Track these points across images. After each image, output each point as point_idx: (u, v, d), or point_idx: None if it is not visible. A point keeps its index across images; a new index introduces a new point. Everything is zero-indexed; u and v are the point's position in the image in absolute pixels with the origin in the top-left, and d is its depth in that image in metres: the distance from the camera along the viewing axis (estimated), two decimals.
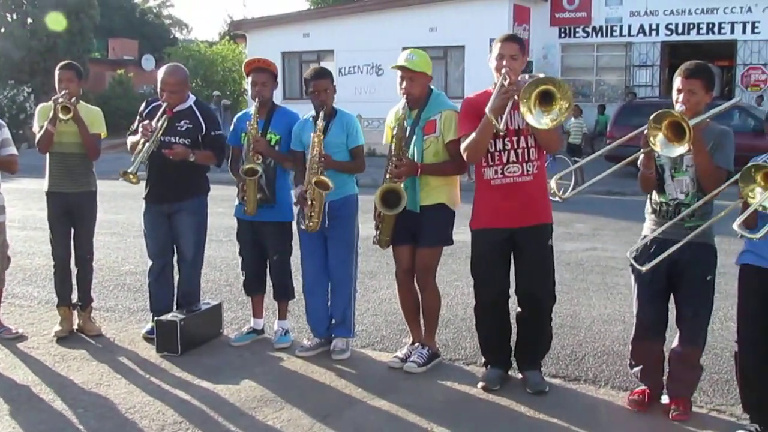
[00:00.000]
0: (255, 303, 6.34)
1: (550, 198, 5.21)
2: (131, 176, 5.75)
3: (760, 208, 3.91)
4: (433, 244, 5.54)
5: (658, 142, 4.17)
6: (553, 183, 4.68)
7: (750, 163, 3.94)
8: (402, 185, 5.34)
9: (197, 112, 6.10)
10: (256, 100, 5.92)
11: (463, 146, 5.03)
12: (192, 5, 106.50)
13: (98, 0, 35.02)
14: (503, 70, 4.84)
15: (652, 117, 4.16)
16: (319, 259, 5.89)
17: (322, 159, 5.56)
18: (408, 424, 4.77)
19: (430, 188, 5.43)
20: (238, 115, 6.23)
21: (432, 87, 5.57)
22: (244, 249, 6.23)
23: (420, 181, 5.40)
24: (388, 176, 5.37)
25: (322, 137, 5.59)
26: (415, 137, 5.41)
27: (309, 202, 5.60)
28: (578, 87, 26.44)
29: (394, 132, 5.41)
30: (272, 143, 5.94)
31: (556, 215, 5.30)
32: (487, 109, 4.78)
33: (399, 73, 5.45)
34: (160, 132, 5.92)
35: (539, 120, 4.51)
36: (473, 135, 4.95)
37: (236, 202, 6.09)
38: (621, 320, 6.76)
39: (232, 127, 6.22)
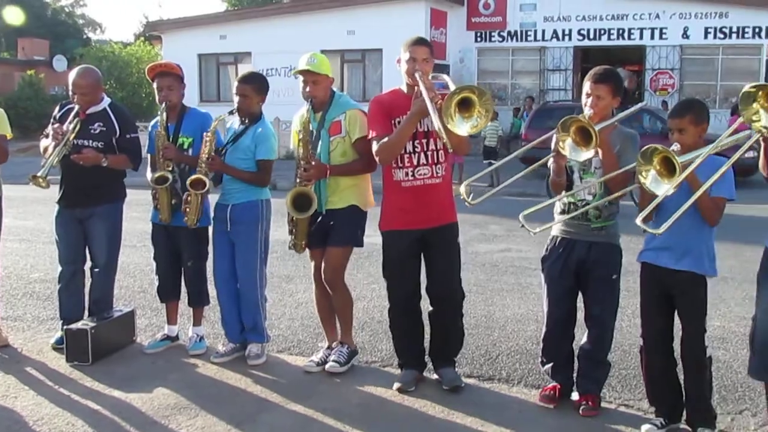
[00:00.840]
0: (169, 309, 6.25)
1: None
2: (41, 180, 5.60)
3: (646, 189, 3.96)
4: (341, 244, 5.56)
5: (567, 146, 4.29)
6: (462, 188, 4.81)
7: (652, 145, 3.97)
8: (312, 188, 5.36)
9: (111, 114, 5.99)
10: (163, 105, 5.84)
11: (378, 147, 5.06)
12: (106, 5, 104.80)
13: None
14: (417, 74, 4.89)
15: (559, 123, 4.28)
16: (227, 263, 5.85)
17: (210, 160, 5.59)
18: (324, 427, 4.77)
19: (340, 190, 5.46)
20: (152, 122, 6.13)
21: (334, 89, 5.62)
22: (158, 254, 6.14)
23: (329, 183, 5.44)
24: (298, 180, 5.38)
25: (213, 137, 5.63)
26: (321, 139, 5.44)
27: (185, 198, 5.68)
28: (494, 90, 26.83)
29: (301, 136, 5.43)
30: (184, 147, 5.88)
31: (471, 217, 5.43)
32: (411, 112, 4.86)
33: (301, 77, 5.48)
34: (73, 135, 5.80)
35: (460, 127, 4.57)
36: (393, 136, 4.99)
37: (152, 207, 6.00)
38: (534, 319, 6.87)
39: (147, 134, 6.13)
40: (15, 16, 29.72)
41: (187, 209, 5.68)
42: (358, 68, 26.60)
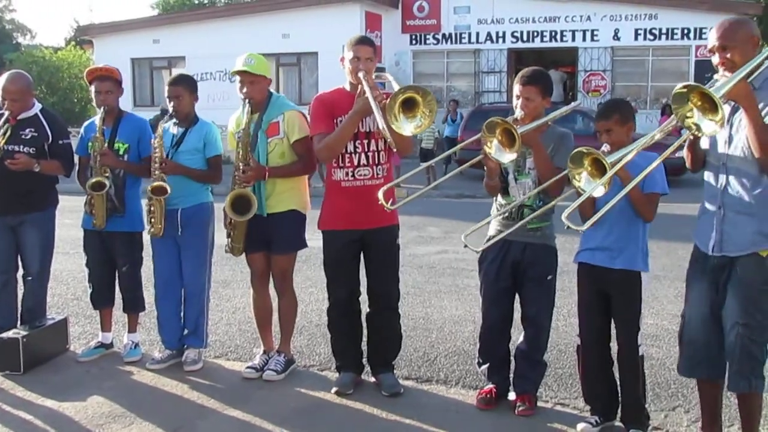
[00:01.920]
0: (103, 316, 6.17)
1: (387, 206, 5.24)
2: None
3: (580, 191, 4.01)
4: (287, 251, 5.59)
5: (493, 147, 4.34)
6: (380, 194, 4.78)
7: (579, 148, 4.01)
8: (251, 190, 5.34)
9: (43, 120, 5.90)
10: (101, 109, 5.77)
11: (319, 145, 5.06)
12: (36, 10, 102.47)
13: None
14: (360, 74, 4.90)
15: (484, 125, 4.31)
16: (172, 267, 5.81)
17: (163, 164, 5.53)
18: None
19: (278, 193, 5.45)
20: (85, 124, 6.06)
21: (271, 90, 5.61)
22: (91, 261, 6.04)
23: (267, 186, 5.43)
24: (237, 182, 5.35)
25: (161, 142, 5.58)
26: (258, 140, 5.42)
27: (149, 208, 5.61)
28: None
29: (238, 137, 5.39)
30: (120, 152, 5.82)
31: (409, 219, 5.46)
32: (353, 110, 4.89)
33: (238, 78, 5.45)
34: (3, 140, 5.71)
35: (404, 127, 4.60)
36: (334, 134, 4.99)
37: (84, 213, 5.90)
38: (471, 320, 6.92)
39: (79, 136, 6.06)
40: None
41: (152, 219, 5.61)
42: (294, 72, 26.52)
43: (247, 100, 5.40)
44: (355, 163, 5.11)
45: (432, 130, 18.88)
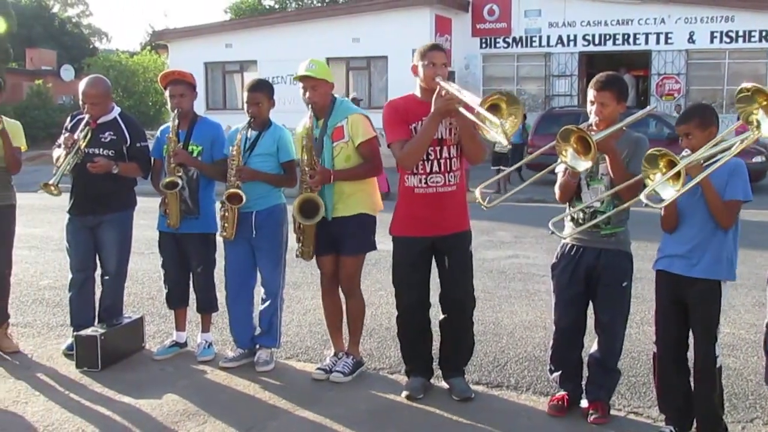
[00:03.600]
0: (178, 316, 6.29)
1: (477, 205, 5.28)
2: (53, 188, 5.65)
3: (653, 192, 3.97)
4: (355, 253, 5.63)
5: (569, 155, 4.28)
6: (477, 192, 4.82)
7: (655, 149, 4.00)
8: (318, 194, 5.41)
9: (122, 123, 6.05)
10: (175, 112, 5.90)
11: (400, 153, 5.04)
12: (112, 15, 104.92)
13: (16, 9, 34.20)
14: (438, 78, 4.90)
15: (559, 134, 4.26)
16: (244, 268, 5.90)
17: (240, 172, 5.62)
18: None
19: (346, 197, 5.49)
20: (161, 128, 6.19)
21: (335, 95, 5.65)
22: (166, 261, 6.17)
23: (335, 189, 5.47)
24: (303, 187, 5.43)
25: (240, 150, 5.65)
26: (324, 145, 5.48)
27: (223, 214, 5.72)
28: None
29: (304, 143, 5.45)
30: (194, 155, 5.94)
31: (479, 224, 5.42)
32: (434, 111, 4.86)
33: (301, 83, 5.52)
34: (84, 143, 5.85)
35: (488, 129, 4.56)
36: (414, 139, 4.99)
37: (159, 214, 6.03)
38: (542, 326, 6.87)
39: (155, 139, 6.20)
40: None
41: (225, 224, 5.72)
42: (364, 75, 26.61)
43: (310, 105, 5.45)
44: (428, 170, 5.10)
45: None
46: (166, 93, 6.00)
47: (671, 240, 4.32)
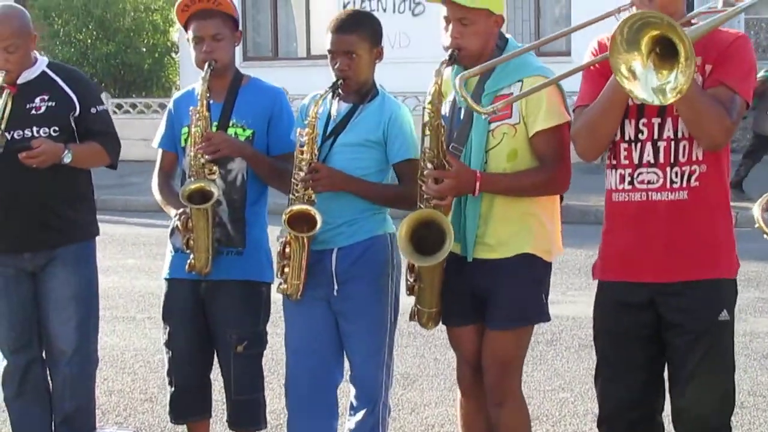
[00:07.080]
0: None
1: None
2: None
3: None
4: (513, 324, 3.60)
5: None
6: (756, 211, 3.30)
7: None
8: (448, 213, 3.52)
9: (58, 79, 4.06)
10: (206, 68, 3.76)
11: (577, 124, 3.27)
12: None
13: None
14: None
15: None
16: (321, 351, 3.83)
17: (316, 173, 3.58)
18: None
19: (502, 225, 3.56)
20: (176, 96, 4.10)
21: (507, 35, 3.67)
22: (176, 335, 3.94)
23: (481, 209, 3.52)
24: (421, 198, 3.54)
25: (314, 135, 3.57)
26: (473, 126, 3.51)
27: (281, 249, 3.69)
28: None
29: (430, 118, 3.43)
30: None
31: (748, 267, 3.50)
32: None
33: (442, 13, 3.52)
34: (3, 123, 3.82)
35: (647, 87, 2.88)
36: (598, 100, 3.18)
37: (169, 249, 3.89)
38: None
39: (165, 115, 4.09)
40: None
41: (286, 269, 3.70)
42: None
43: (453, 53, 3.48)
44: (635, 159, 3.22)
45: None
46: (188, 35, 3.88)
47: None
